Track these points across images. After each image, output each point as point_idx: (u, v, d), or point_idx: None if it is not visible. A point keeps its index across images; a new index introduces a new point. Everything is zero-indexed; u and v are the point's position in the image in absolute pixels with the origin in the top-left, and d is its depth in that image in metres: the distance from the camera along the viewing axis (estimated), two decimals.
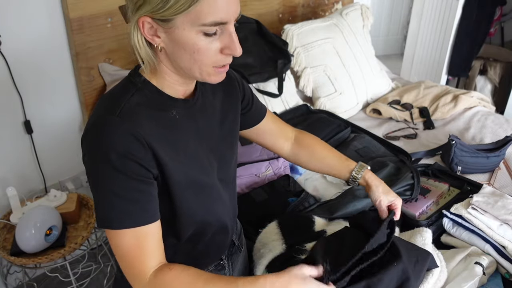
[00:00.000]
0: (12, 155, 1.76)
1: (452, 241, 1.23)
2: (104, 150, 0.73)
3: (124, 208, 0.76)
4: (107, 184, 0.75)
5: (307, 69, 2.03)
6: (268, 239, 1.19)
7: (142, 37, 0.77)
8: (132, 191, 0.76)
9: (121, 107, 0.77)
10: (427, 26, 2.90)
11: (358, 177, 1.08)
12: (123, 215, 0.76)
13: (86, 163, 0.77)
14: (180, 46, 0.76)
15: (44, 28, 1.65)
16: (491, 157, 1.60)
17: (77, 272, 1.71)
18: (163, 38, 0.76)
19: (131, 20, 0.76)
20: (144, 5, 0.72)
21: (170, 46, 0.77)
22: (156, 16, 0.72)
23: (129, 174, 0.75)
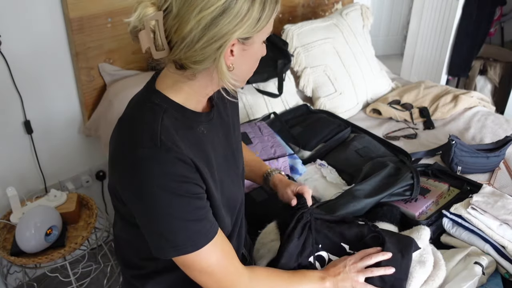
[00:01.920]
0: (12, 155, 1.76)
1: (451, 241, 1.23)
2: (162, 182, 0.73)
3: (195, 229, 0.77)
4: (172, 212, 0.75)
5: (307, 69, 2.03)
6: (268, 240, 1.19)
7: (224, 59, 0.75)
8: (196, 210, 0.77)
9: (159, 135, 0.75)
10: (427, 26, 2.90)
11: (269, 178, 1.14)
12: (196, 236, 0.77)
13: (135, 200, 0.76)
14: (249, 58, 0.79)
15: (44, 28, 1.65)
16: (491, 157, 1.60)
17: (77, 272, 1.71)
18: (236, 55, 0.76)
19: (212, 48, 0.72)
20: (239, 28, 0.72)
21: (239, 61, 0.77)
22: (244, 36, 0.74)
23: (190, 196, 0.76)
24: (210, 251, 0.79)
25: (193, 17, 0.69)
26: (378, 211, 1.28)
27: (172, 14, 0.71)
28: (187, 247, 0.77)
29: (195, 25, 0.70)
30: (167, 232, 0.76)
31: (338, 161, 1.62)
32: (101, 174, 2.05)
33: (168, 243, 0.77)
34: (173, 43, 0.73)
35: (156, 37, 0.72)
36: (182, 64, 0.75)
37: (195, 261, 0.78)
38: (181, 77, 0.79)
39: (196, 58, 0.73)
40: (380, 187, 1.35)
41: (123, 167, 0.76)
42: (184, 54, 0.73)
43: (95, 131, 1.86)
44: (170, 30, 0.72)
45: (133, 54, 1.89)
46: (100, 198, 2.09)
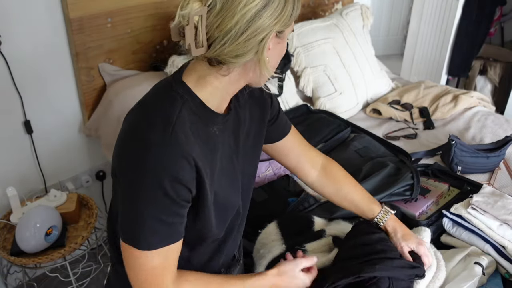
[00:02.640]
0: (12, 155, 1.76)
1: (452, 241, 1.23)
2: (159, 175, 0.73)
3: (159, 231, 0.76)
4: (151, 208, 0.75)
5: (307, 69, 2.03)
6: (268, 240, 1.19)
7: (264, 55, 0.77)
8: (172, 215, 0.77)
9: (173, 125, 0.75)
10: (427, 26, 2.90)
11: (381, 224, 1.10)
12: (155, 238, 0.76)
13: (127, 177, 0.76)
14: (278, 52, 0.82)
15: (44, 28, 1.65)
16: (491, 157, 1.60)
17: (77, 272, 1.71)
18: (271, 49, 0.79)
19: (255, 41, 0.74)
20: (278, 22, 0.75)
21: (272, 55, 0.80)
22: (280, 29, 0.77)
23: (176, 199, 0.75)
24: (154, 256, 0.77)
25: (238, 11, 0.71)
26: None
27: (215, 10, 0.72)
28: (141, 244, 0.76)
29: (240, 18, 0.72)
30: (136, 221, 0.75)
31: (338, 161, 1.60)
32: (101, 174, 2.05)
33: (130, 230, 0.76)
34: (212, 40, 0.74)
35: (197, 33, 0.73)
36: (220, 60, 0.76)
37: (136, 257, 0.77)
38: (212, 72, 0.80)
39: (238, 52, 0.74)
40: (380, 187, 1.35)
41: (129, 147, 0.76)
42: (225, 49, 0.74)
43: (95, 131, 1.86)
44: (211, 26, 0.73)
45: (133, 54, 1.89)
46: (100, 198, 2.09)
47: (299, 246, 1.15)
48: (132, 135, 0.76)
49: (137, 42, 1.88)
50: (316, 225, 1.23)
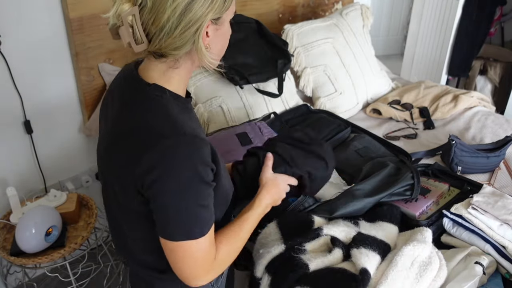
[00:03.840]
0: (12, 155, 1.76)
1: (452, 241, 1.23)
2: (192, 167, 0.77)
3: (204, 216, 0.81)
4: (194, 198, 0.79)
5: (307, 69, 2.03)
6: (267, 239, 1.19)
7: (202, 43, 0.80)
8: (208, 198, 0.82)
9: (179, 124, 0.79)
10: (427, 26, 2.90)
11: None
12: (202, 223, 0.81)
13: (165, 184, 0.77)
14: (222, 37, 0.85)
15: (44, 28, 1.65)
16: (491, 157, 1.60)
17: (77, 272, 1.71)
18: (211, 35, 0.82)
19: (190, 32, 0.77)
20: (212, 10, 0.78)
21: (214, 41, 0.83)
22: (216, 17, 0.80)
23: (208, 181, 0.81)
24: (206, 238, 0.82)
25: (168, 7, 0.74)
26: (378, 211, 1.28)
27: (147, 8, 0.75)
28: (196, 233, 0.80)
29: (171, 14, 0.75)
30: (184, 217, 0.79)
31: (338, 161, 1.61)
32: None
33: (180, 227, 0.79)
34: (151, 35, 0.77)
35: (134, 31, 0.77)
36: (162, 53, 0.79)
37: (192, 247, 0.81)
38: (166, 67, 0.83)
39: (176, 45, 0.78)
40: (380, 186, 1.34)
41: (151, 160, 0.77)
42: (164, 43, 0.77)
43: (95, 131, 1.86)
44: (147, 23, 0.76)
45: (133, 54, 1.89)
46: (100, 198, 2.09)
47: (298, 245, 1.14)
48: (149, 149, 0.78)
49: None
50: (316, 225, 1.23)
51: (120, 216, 0.93)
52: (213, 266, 0.87)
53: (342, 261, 1.12)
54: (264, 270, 1.13)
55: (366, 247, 1.10)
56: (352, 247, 1.12)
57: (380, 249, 1.11)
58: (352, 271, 1.05)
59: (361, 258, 1.06)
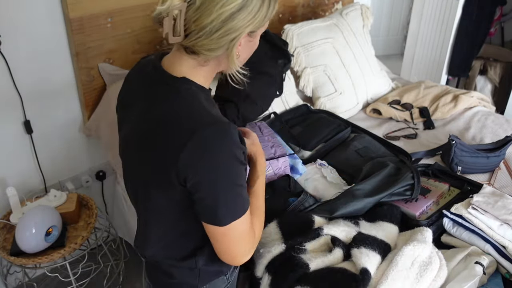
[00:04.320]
0: (12, 155, 1.76)
1: (452, 241, 1.23)
2: (232, 151, 0.82)
3: (245, 195, 0.87)
4: (236, 181, 0.84)
5: (307, 69, 2.03)
6: (268, 239, 1.19)
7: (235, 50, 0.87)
8: (243, 178, 0.87)
9: (213, 113, 0.85)
10: (427, 26, 2.90)
11: None
12: (243, 201, 0.86)
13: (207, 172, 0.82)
14: (250, 48, 0.92)
15: (44, 28, 1.65)
16: (491, 157, 1.60)
17: (77, 272, 1.71)
18: (243, 45, 0.88)
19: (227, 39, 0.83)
20: (251, 23, 0.84)
21: (244, 50, 0.90)
22: (253, 30, 0.86)
23: (244, 162, 0.86)
24: (248, 214, 0.88)
25: (215, 10, 0.79)
26: (379, 211, 1.28)
27: (194, 6, 0.80)
28: (240, 212, 0.85)
29: (216, 17, 0.80)
30: (229, 199, 0.84)
31: (338, 161, 1.62)
32: (101, 174, 2.04)
33: (227, 210, 0.84)
34: (190, 31, 0.82)
35: (175, 24, 0.82)
36: (195, 50, 0.84)
37: (239, 226, 0.86)
38: (195, 63, 0.88)
39: (211, 46, 0.83)
40: (380, 186, 1.35)
41: (192, 149, 0.81)
42: (200, 42, 0.82)
43: (95, 131, 1.86)
44: (189, 20, 0.81)
45: (133, 54, 1.89)
46: (100, 198, 2.09)
47: (299, 245, 1.15)
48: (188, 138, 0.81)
49: (137, 42, 1.88)
50: (316, 225, 1.23)
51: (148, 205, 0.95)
52: (255, 240, 0.92)
53: (342, 261, 1.12)
54: (265, 269, 1.14)
55: (366, 247, 1.10)
56: (352, 247, 1.12)
57: (381, 249, 1.11)
58: (352, 271, 1.05)
59: (361, 258, 1.06)
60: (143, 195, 0.94)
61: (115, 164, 1.80)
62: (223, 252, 0.89)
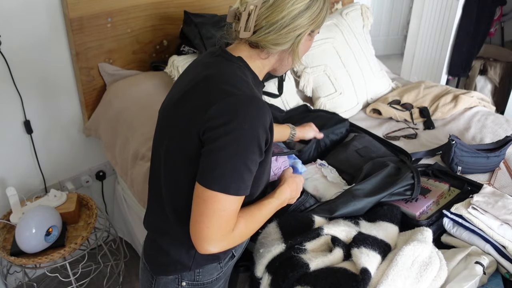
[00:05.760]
0: (12, 155, 1.76)
1: (452, 241, 1.23)
2: (256, 127, 0.85)
3: (246, 179, 0.87)
4: (246, 158, 0.85)
5: (307, 69, 2.03)
6: (268, 239, 1.19)
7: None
8: (254, 164, 0.88)
9: (251, 86, 0.91)
10: (427, 26, 2.90)
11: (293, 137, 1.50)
12: (242, 185, 0.87)
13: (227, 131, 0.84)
14: (306, 47, 1.01)
15: (44, 28, 1.65)
16: (491, 157, 1.60)
17: (77, 272, 1.71)
18: (303, 43, 0.96)
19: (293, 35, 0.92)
20: (314, 23, 0.94)
21: (301, 48, 0.97)
22: (313, 29, 0.96)
23: (262, 147, 0.87)
24: (236, 201, 0.88)
25: (287, 8, 0.89)
26: (379, 211, 1.28)
27: (268, 4, 0.90)
28: (232, 190, 0.86)
29: (287, 14, 0.89)
30: (228, 170, 0.85)
31: (338, 161, 1.61)
32: (101, 174, 2.05)
33: (221, 179, 0.85)
34: (259, 27, 0.91)
35: (249, 19, 0.90)
36: (261, 45, 0.93)
37: (222, 202, 0.86)
38: (256, 55, 0.97)
39: (278, 41, 0.92)
40: (380, 186, 1.34)
41: (222, 107, 0.85)
42: (268, 37, 0.91)
43: (95, 131, 1.86)
44: (260, 16, 0.90)
45: (133, 54, 1.89)
46: (100, 198, 2.09)
47: (299, 245, 1.14)
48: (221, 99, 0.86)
49: (137, 42, 1.88)
50: (317, 224, 1.23)
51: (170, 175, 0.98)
52: (229, 236, 0.91)
53: (342, 261, 1.12)
54: (265, 269, 1.14)
55: (366, 247, 1.10)
56: (352, 246, 1.12)
57: (381, 249, 1.11)
58: (352, 270, 1.05)
59: (361, 257, 1.06)
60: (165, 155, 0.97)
61: (115, 164, 1.80)
62: (194, 222, 0.88)
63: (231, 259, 1.09)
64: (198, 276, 1.03)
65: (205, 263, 1.02)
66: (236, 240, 0.93)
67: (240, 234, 0.93)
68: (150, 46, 1.93)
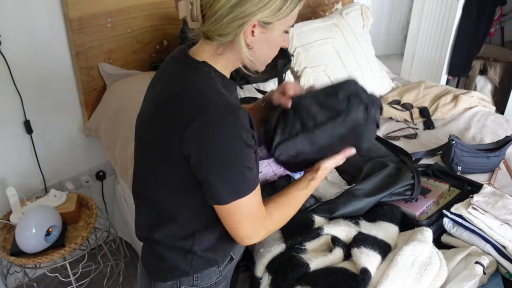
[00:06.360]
0: (12, 155, 1.76)
1: (452, 241, 1.23)
2: (238, 132, 0.83)
3: (250, 176, 0.87)
4: (241, 159, 0.85)
5: (307, 69, 2.03)
6: (268, 239, 1.19)
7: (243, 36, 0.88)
8: (252, 160, 0.87)
9: (224, 95, 0.87)
10: (427, 26, 2.90)
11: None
12: (249, 181, 0.87)
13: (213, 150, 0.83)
14: (268, 43, 0.91)
15: (44, 28, 1.65)
16: (491, 157, 1.60)
17: (77, 272, 1.71)
18: (257, 36, 0.89)
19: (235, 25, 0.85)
20: (261, 12, 0.85)
21: (259, 43, 0.90)
22: (264, 20, 0.86)
23: (252, 145, 0.86)
24: (254, 196, 0.89)
25: None
26: (379, 211, 1.28)
27: None
28: (244, 191, 0.86)
29: (225, 3, 0.83)
30: (232, 178, 0.85)
31: None
32: (101, 174, 2.05)
33: (231, 189, 0.86)
34: (206, 17, 0.86)
35: (192, 8, 0.86)
36: (209, 36, 0.88)
37: (244, 206, 0.87)
38: (213, 51, 0.91)
39: (221, 32, 0.86)
40: (380, 186, 1.34)
41: (199, 126, 0.83)
42: (212, 27, 0.86)
43: (95, 131, 1.86)
44: (205, 6, 0.85)
45: (133, 54, 1.89)
46: (100, 198, 2.09)
47: (299, 245, 1.14)
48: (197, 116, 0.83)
49: (137, 42, 1.88)
50: (317, 224, 1.23)
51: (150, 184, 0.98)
52: (263, 224, 0.93)
53: (342, 261, 1.12)
54: (265, 269, 1.14)
55: (366, 247, 1.10)
56: (352, 246, 1.12)
57: (381, 249, 1.11)
58: (352, 270, 1.05)
59: (361, 257, 1.06)
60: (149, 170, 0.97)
61: (115, 164, 1.80)
62: (230, 230, 0.92)
63: (230, 262, 1.08)
64: (197, 281, 1.02)
65: (203, 267, 1.01)
66: (275, 226, 0.97)
67: (276, 222, 0.97)
68: (150, 46, 1.93)
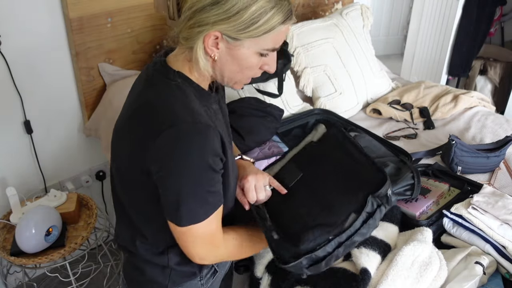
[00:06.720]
0: (12, 155, 1.76)
1: (452, 241, 1.23)
2: (203, 155, 0.79)
3: (211, 200, 0.84)
4: (202, 185, 0.81)
5: (307, 69, 2.03)
6: None
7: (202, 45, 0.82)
8: (217, 184, 0.85)
9: (196, 112, 0.81)
10: (427, 26, 2.90)
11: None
12: (208, 206, 0.84)
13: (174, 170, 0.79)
14: (235, 60, 0.84)
15: (44, 28, 1.65)
16: (491, 157, 1.60)
17: (77, 272, 1.71)
18: (222, 50, 0.83)
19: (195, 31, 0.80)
20: (223, 23, 0.78)
21: (224, 57, 0.84)
22: (229, 34, 0.80)
23: (217, 169, 0.83)
24: (212, 220, 0.86)
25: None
26: None
27: None
28: (201, 216, 0.84)
29: (190, 6, 0.79)
30: (192, 202, 0.82)
31: None
32: (101, 174, 2.05)
33: (188, 213, 0.82)
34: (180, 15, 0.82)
35: (169, 5, 0.83)
36: (177, 39, 0.84)
37: (199, 230, 0.85)
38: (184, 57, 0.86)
39: (184, 35, 0.82)
40: None
41: (163, 142, 0.78)
42: (180, 29, 0.82)
43: (95, 131, 1.86)
44: (182, 5, 0.81)
45: (133, 54, 1.89)
46: (100, 198, 2.09)
47: None
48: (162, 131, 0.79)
49: (137, 42, 1.88)
50: None
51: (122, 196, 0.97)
52: (218, 252, 0.92)
53: (342, 261, 1.12)
54: (264, 269, 1.14)
55: (366, 247, 1.10)
56: None
57: (381, 249, 1.11)
58: (352, 270, 1.05)
59: (361, 257, 1.06)
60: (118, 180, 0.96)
61: None
62: (182, 248, 0.90)
63: (213, 275, 1.05)
64: None
65: (183, 280, 0.99)
66: (227, 257, 0.96)
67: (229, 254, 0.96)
68: (150, 46, 1.93)
